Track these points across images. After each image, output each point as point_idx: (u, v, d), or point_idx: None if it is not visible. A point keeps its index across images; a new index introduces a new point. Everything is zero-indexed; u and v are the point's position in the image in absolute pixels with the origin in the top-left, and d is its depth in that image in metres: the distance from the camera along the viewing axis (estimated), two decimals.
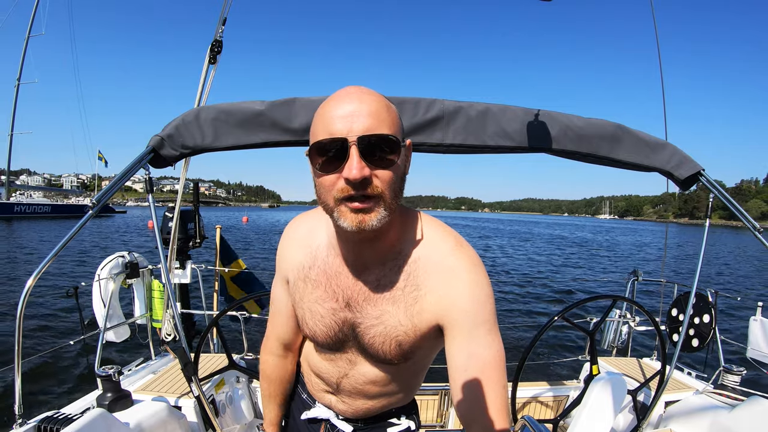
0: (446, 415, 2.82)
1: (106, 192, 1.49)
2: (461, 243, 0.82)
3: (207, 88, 2.00)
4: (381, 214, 0.69)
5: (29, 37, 36.66)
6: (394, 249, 0.82)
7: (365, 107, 0.67)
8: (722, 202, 1.79)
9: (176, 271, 3.01)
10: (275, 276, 1.01)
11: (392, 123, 0.70)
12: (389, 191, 0.69)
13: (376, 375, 0.92)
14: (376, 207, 0.69)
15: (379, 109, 0.68)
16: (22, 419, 1.45)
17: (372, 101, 0.69)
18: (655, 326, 2.28)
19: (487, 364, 0.75)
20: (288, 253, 0.95)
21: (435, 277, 0.79)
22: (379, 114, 0.68)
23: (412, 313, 0.81)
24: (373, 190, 0.68)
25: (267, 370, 1.11)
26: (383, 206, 0.69)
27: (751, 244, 36.59)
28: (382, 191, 0.68)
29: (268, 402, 1.15)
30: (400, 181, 0.72)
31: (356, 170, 0.65)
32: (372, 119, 0.67)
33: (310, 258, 0.90)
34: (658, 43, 2.58)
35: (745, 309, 7.07)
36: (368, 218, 0.69)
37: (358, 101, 0.68)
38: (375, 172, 0.67)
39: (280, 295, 1.01)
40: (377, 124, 0.67)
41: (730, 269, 18.34)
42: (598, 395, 2.00)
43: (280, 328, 1.04)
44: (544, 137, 1.58)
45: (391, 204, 0.70)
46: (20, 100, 37.07)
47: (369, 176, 0.67)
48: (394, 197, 0.71)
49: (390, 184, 0.69)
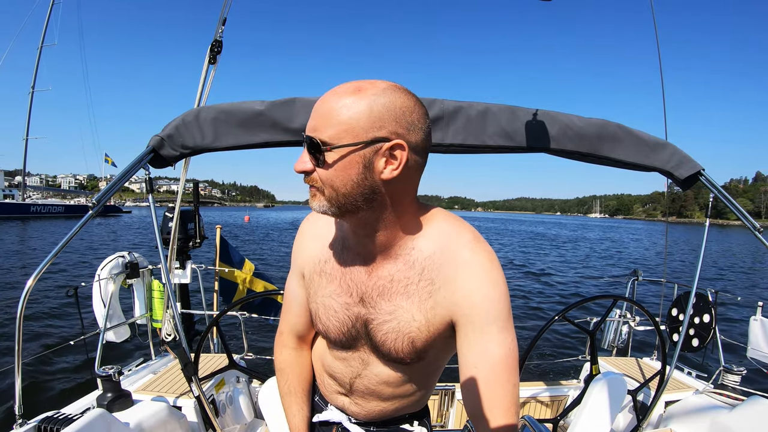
0: (446, 414, 2.82)
1: (106, 192, 1.50)
2: (478, 238, 0.81)
3: (207, 89, 2.00)
4: (322, 204, 0.76)
5: (42, 47, 38.52)
6: (408, 243, 0.82)
7: (323, 108, 0.71)
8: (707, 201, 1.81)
9: (176, 271, 3.01)
10: (291, 270, 1.01)
11: (340, 123, 0.69)
12: (327, 187, 0.74)
13: (389, 375, 0.92)
14: (318, 195, 0.76)
15: (336, 110, 0.69)
16: (22, 419, 1.46)
17: (334, 101, 0.70)
18: (655, 326, 2.28)
19: (498, 362, 0.74)
20: (304, 247, 0.95)
21: (449, 271, 0.79)
22: (329, 115, 0.69)
23: (426, 308, 0.80)
24: (314, 182, 0.75)
25: (283, 363, 1.06)
26: (324, 198, 0.75)
27: (736, 242, 37.80)
28: (320, 186, 0.74)
29: (289, 400, 1.06)
30: (343, 180, 0.72)
31: (297, 163, 0.75)
32: (320, 120, 0.71)
33: (326, 252, 0.90)
34: (658, 43, 2.58)
35: (746, 309, 7.07)
36: (313, 202, 0.77)
37: (320, 102, 0.72)
38: (316, 168, 0.74)
39: (294, 288, 1.01)
40: (321, 124, 0.70)
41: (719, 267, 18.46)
42: (598, 395, 2.00)
43: (294, 320, 1.03)
44: (544, 137, 1.58)
45: (331, 198, 0.74)
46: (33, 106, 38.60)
47: (309, 170, 0.74)
48: (334, 193, 0.74)
49: (327, 181, 0.73)
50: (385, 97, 0.70)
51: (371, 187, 0.73)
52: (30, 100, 38.56)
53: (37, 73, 38.78)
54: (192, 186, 3.53)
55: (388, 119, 0.70)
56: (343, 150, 0.70)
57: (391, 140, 0.70)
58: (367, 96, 0.69)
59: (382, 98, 0.70)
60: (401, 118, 0.71)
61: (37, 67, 38.85)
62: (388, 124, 0.70)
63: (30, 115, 38.93)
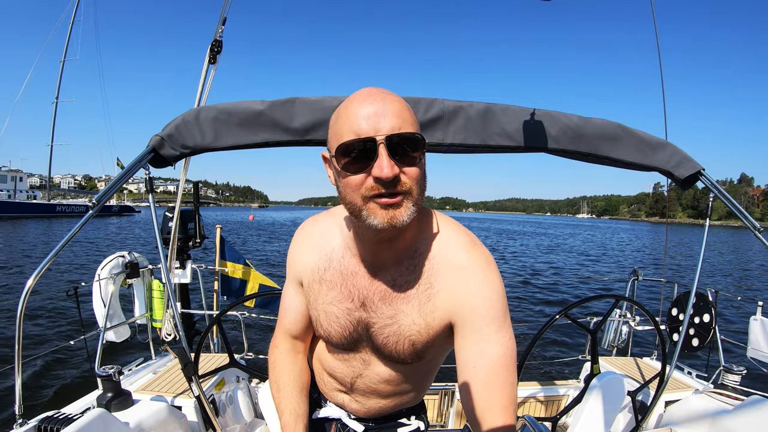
0: (447, 414, 2.82)
1: (106, 192, 1.49)
2: (474, 242, 0.83)
3: (207, 88, 2.00)
4: (410, 210, 0.71)
5: (64, 61, 42.99)
6: (410, 248, 0.83)
7: (389, 107, 0.69)
8: (691, 202, 1.80)
9: (176, 271, 3.01)
10: (287, 278, 1.01)
11: (414, 122, 0.72)
12: (416, 187, 0.72)
13: (389, 374, 0.93)
14: (405, 202, 0.71)
15: (402, 108, 0.71)
16: (22, 419, 1.45)
17: (394, 101, 0.71)
18: (655, 326, 2.28)
19: (495, 362, 0.75)
20: (301, 256, 0.95)
21: (448, 274, 0.80)
22: (402, 113, 0.70)
23: (425, 312, 0.81)
24: (402, 187, 0.70)
25: (275, 362, 1.05)
26: (411, 202, 0.72)
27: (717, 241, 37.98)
28: (410, 187, 0.71)
29: (278, 396, 1.03)
30: (424, 178, 0.74)
31: (387, 169, 0.67)
32: (397, 118, 0.69)
33: (325, 260, 0.90)
34: (657, 43, 2.58)
35: (745, 309, 7.07)
36: (398, 213, 0.71)
37: (382, 101, 0.70)
38: (403, 170, 0.70)
39: (291, 295, 1.01)
40: (401, 123, 0.69)
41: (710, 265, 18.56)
42: (598, 395, 2.00)
43: (289, 326, 1.03)
44: (545, 137, 1.58)
45: (417, 200, 0.72)
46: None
47: (398, 174, 0.69)
48: (420, 193, 0.73)
49: (417, 180, 0.71)
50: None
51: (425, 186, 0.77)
52: (54, 110, 43.34)
53: (60, 84, 43.11)
54: (192, 186, 3.53)
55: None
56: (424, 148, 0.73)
57: None
58: (403, 101, 0.73)
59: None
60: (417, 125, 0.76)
61: (60, 79, 43.09)
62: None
63: (54, 124, 43.39)
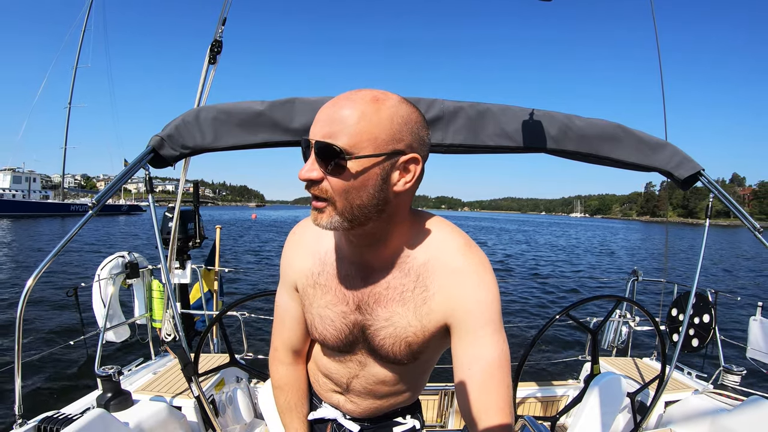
0: (446, 414, 2.82)
1: (106, 192, 1.49)
2: (470, 244, 0.83)
3: (207, 88, 2.00)
4: (332, 218, 0.71)
5: (77, 68, 45.46)
6: (404, 251, 0.82)
7: (335, 113, 0.67)
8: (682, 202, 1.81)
9: (176, 271, 3.01)
10: (280, 283, 1.00)
11: (361, 132, 0.67)
12: (340, 198, 0.69)
13: (386, 375, 0.93)
14: (328, 209, 0.71)
15: (355, 117, 0.66)
16: (22, 419, 1.45)
17: (347, 108, 0.67)
18: (655, 326, 2.28)
19: (491, 364, 0.75)
20: (294, 260, 0.94)
21: (443, 277, 0.80)
22: (344, 121, 0.66)
23: (421, 314, 0.81)
24: (322, 193, 0.70)
25: (281, 380, 1.06)
26: (334, 211, 0.70)
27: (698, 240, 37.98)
28: (330, 196, 0.70)
29: (289, 416, 1.07)
30: (359, 191, 0.70)
31: (303, 170, 0.70)
32: (334, 126, 0.67)
33: (318, 264, 0.90)
34: (657, 43, 2.58)
35: (745, 309, 7.07)
36: (320, 218, 0.72)
37: (334, 106, 0.68)
38: (327, 177, 0.69)
39: (286, 302, 0.99)
40: (336, 131, 0.66)
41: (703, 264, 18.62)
42: (597, 395, 2.00)
43: (288, 334, 1.02)
44: (544, 137, 1.58)
45: (344, 211, 0.70)
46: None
47: (318, 179, 0.69)
48: (348, 206, 0.70)
49: (341, 192, 0.69)
50: (402, 110, 0.70)
51: (384, 199, 0.73)
52: (67, 114, 45.38)
53: (73, 90, 45.36)
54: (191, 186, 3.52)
55: (405, 132, 0.70)
56: (364, 160, 0.68)
57: (407, 153, 0.71)
58: (386, 107, 0.69)
59: (400, 111, 0.70)
60: (415, 132, 0.72)
61: (73, 85, 45.35)
62: (405, 137, 0.70)
63: (68, 127, 45.88)
